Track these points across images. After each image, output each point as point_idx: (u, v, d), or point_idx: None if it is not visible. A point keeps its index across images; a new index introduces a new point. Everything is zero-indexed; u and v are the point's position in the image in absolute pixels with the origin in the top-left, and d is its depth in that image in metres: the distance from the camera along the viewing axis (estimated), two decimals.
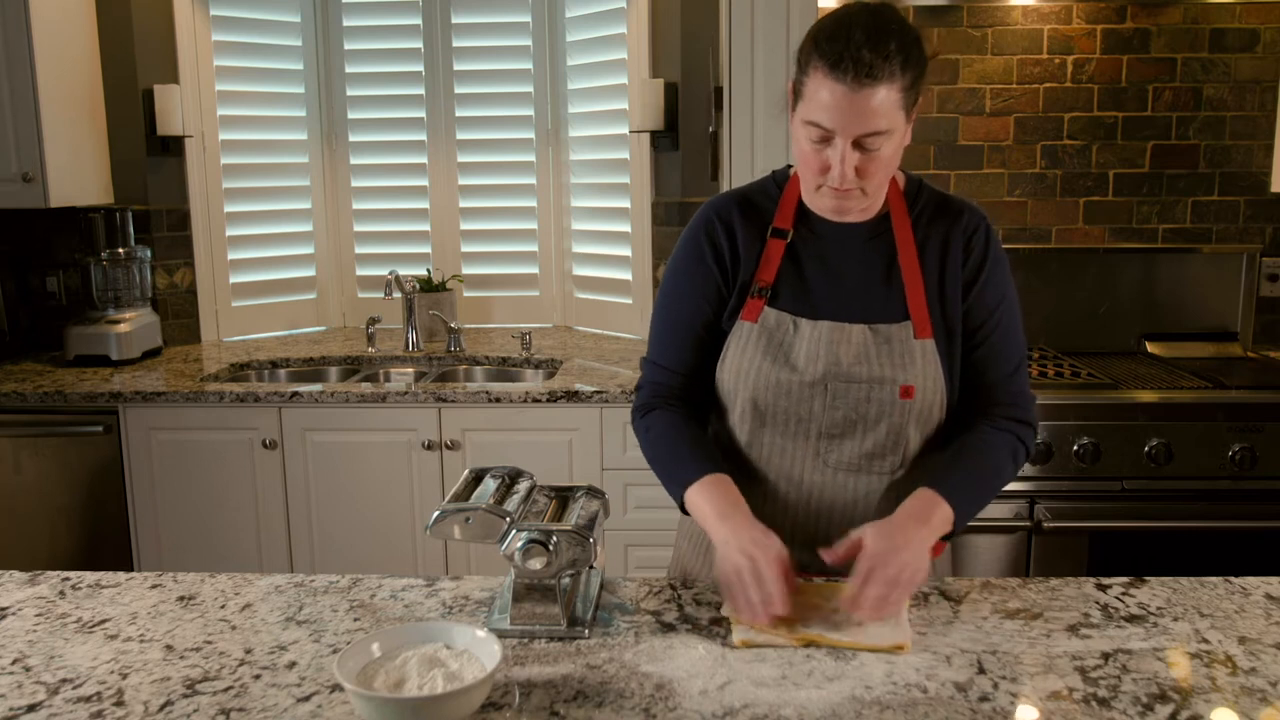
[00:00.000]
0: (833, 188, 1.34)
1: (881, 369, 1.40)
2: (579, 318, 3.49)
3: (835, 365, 1.40)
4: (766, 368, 1.42)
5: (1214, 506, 2.51)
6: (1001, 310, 1.46)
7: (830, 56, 1.26)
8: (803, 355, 1.41)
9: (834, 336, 1.41)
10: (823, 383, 1.40)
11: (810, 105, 1.30)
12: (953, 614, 1.29)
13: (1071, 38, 3.01)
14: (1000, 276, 1.47)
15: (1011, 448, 1.42)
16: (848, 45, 1.24)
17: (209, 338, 3.36)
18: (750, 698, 1.09)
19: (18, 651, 1.21)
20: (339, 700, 1.09)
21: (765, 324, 1.43)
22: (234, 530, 2.74)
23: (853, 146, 1.29)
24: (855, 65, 1.24)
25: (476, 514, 1.27)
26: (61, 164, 2.91)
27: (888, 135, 1.29)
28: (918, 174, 1.50)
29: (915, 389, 1.40)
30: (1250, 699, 1.09)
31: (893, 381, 1.40)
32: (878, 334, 1.41)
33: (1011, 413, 1.45)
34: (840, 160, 1.30)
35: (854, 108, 1.26)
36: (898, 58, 1.25)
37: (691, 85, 3.12)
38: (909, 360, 1.41)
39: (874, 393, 1.40)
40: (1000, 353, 1.46)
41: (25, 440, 2.70)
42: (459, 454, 2.68)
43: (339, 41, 3.43)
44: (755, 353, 1.43)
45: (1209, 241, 3.10)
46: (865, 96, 1.25)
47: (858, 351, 1.40)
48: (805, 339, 1.42)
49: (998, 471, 1.41)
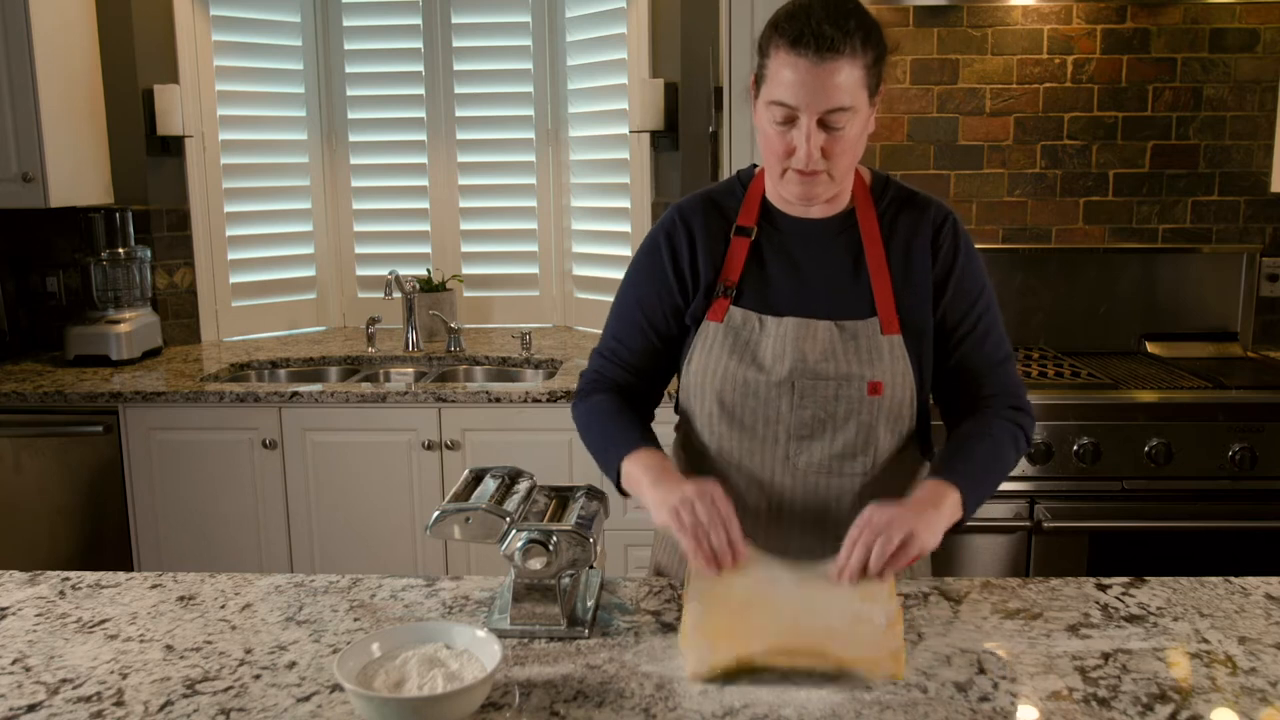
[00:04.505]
0: (799, 170, 1.33)
1: (849, 365, 1.39)
2: (579, 317, 3.49)
3: (801, 362, 1.39)
4: (733, 366, 1.41)
5: (1214, 506, 2.51)
6: (981, 302, 1.45)
7: (791, 34, 1.27)
8: (769, 353, 1.40)
9: (799, 333, 1.39)
10: (789, 381, 1.39)
11: (773, 85, 1.30)
12: (953, 614, 1.29)
13: (1071, 38, 3.01)
14: (974, 269, 1.45)
15: (1012, 434, 1.41)
16: (808, 21, 1.26)
17: (209, 338, 3.36)
18: (750, 698, 1.09)
19: (18, 651, 1.21)
20: (339, 700, 1.09)
21: (731, 323, 1.43)
22: (234, 530, 2.74)
23: (817, 125, 1.29)
24: (817, 40, 1.25)
25: (476, 514, 1.27)
26: (61, 164, 2.91)
27: (852, 113, 1.29)
28: (884, 171, 1.50)
29: (884, 385, 1.39)
30: (1250, 699, 1.09)
31: (860, 378, 1.39)
32: (844, 330, 1.40)
33: (1007, 401, 1.44)
34: (806, 139, 1.29)
35: (817, 82, 1.26)
36: (858, 34, 1.27)
37: (691, 85, 3.12)
38: (876, 356, 1.39)
39: (842, 390, 1.39)
40: (986, 345, 1.45)
41: (25, 440, 2.70)
42: (459, 454, 2.68)
43: (339, 41, 3.43)
44: (721, 352, 1.42)
45: (1209, 241, 3.10)
46: (828, 71, 1.26)
47: (824, 348, 1.39)
48: (771, 336, 1.41)
49: (1001, 458, 1.40)
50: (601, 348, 1.53)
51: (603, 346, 1.53)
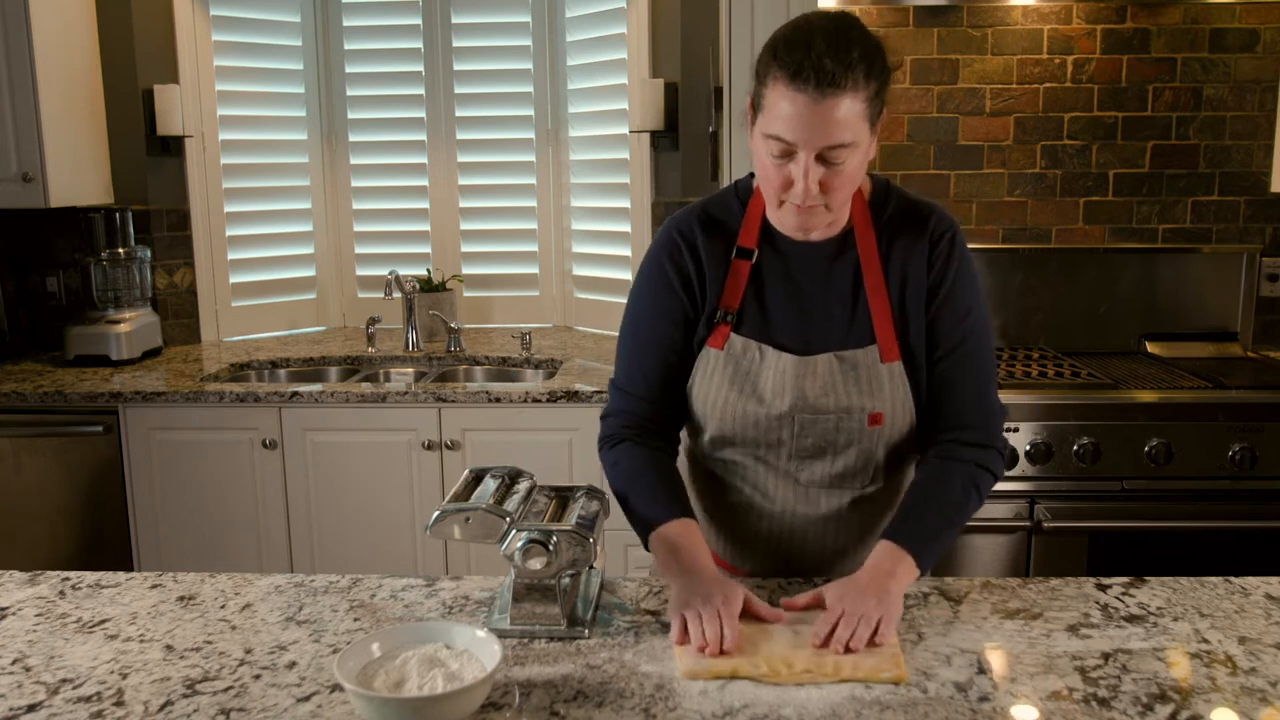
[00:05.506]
0: (796, 205, 1.29)
1: (849, 398, 1.37)
2: (579, 318, 3.49)
3: (801, 398, 1.37)
4: (734, 399, 1.40)
5: (1214, 506, 2.51)
6: (969, 322, 1.39)
7: (790, 66, 1.21)
8: (769, 387, 1.38)
9: (799, 370, 1.37)
10: (790, 415, 1.38)
11: (770, 118, 1.24)
12: (953, 614, 1.29)
13: (1071, 38, 3.01)
14: (966, 284, 1.40)
15: (973, 479, 1.37)
16: (808, 54, 1.19)
17: (209, 338, 3.36)
18: (750, 698, 1.09)
19: (18, 651, 1.21)
20: (339, 700, 1.09)
21: (731, 351, 1.40)
22: (234, 530, 2.73)
23: (816, 160, 1.24)
24: (817, 74, 1.19)
25: (476, 514, 1.26)
26: (61, 164, 2.91)
27: (852, 148, 1.24)
28: (884, 175, 1.47)
29: (884, 415, 1.37)
30: (1250, 699, 1.09)
31: (860, 410, 1.37)
32: (844, 361, 1.38)
33: (977, 437, 1.39)
34: (804, 175, 1.25)
35: (816, 119, 1.21)
36: (860, 66, 1.21)
37: (691, 85, 3.12)
38: (876, 387, 1.37)
39: (842, 422, 1.38)
40: (968, 369, 1.40)
41: (25, 440, 2.70)
42: (459, 454, 2.68)
43: (339, 41, 3.43)
44: (722, 382, 1.41)
45: (1209, 241, 3.10)
46: (828, 107, 1.20)
47: (824, 383, 1.37)
48: (771, 369, 1.38)
49: (959, 507, 1.36)
50: (619, 380, 1.48)
51: (620, 379, 1.48)
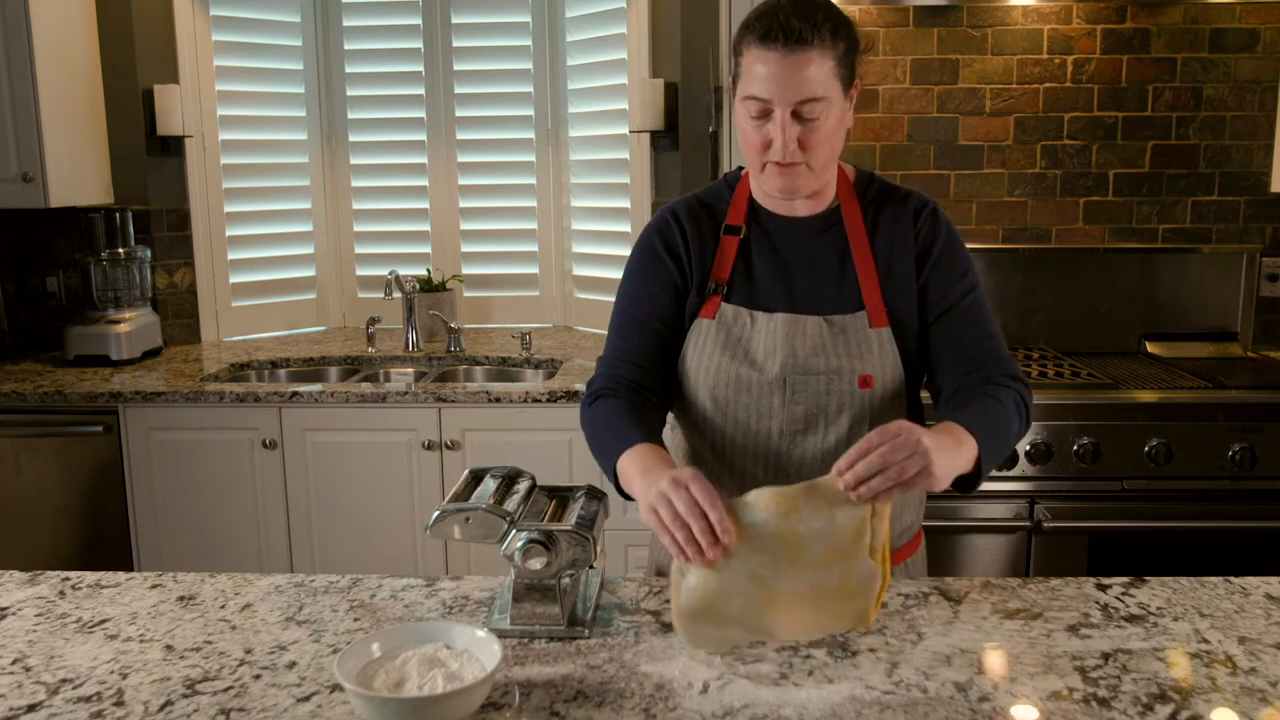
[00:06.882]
0: (776, 163, 1.35)
1: (839, 359, 1.41)
2: (579, 318, 3.49)
3: (792, 358, 1.41)
4: (725, 363, 1.43)
5: (1214, 506, 2.51)
6: (967, 280, 1.44)
7: (760, 29, 1.30)
8: (760, 349, 1.42)
9: (789, 329, 1.41)
10: (781, 377, 1.41)
11: (747, 80, 1.33)
12: (953, 614, 1.29)
13: (1071, 38, 3.01)
14: (957, 250, 1.45)
15: (1015, 401, 1.37)
16: (776, 16, 1.30)
17: (209, 338, 3.36)
18: (750, 698, 1.09)
19: (18, 651, 1.21)
20: (339, 700, 1.09)
21: (723, 319, 1.44)
22: (234, 530, 2.73)
23: (792, 117, 1.31)
24: (785, 32, 1.28)
25: (476, 514, 1.26)
26: (61, 164, 2.91)
27: (825, 104, 1.31)
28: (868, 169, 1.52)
29: (874, 378, 1.41)
30: (1250, 699, 1.09)
31: (850, 371, 1.40)
32: (833, 325, 1.42)
33: (1003, 371, 1.41)
34: (781, 130, 1.32)
35: (788, 74, 1.29)
36: (826, 25, 1.30)
37: (691, 85, 3.12)
38: (866, 350, 1.41)
39: (833, 384, 1.40)
40: (975, 320, 1.43)
41: (25, 440, 2.70)
42: (459, 454, 2.68)
43: (339, 41, 3.43)
44: (714, 349, 1.44)
45: (1209, 241, 3.09)
46: (798, 62, 1.29)
47: (814, 343, 1.41)
48: (762, 332, 1.42)
49: (1009, 422, 1.35)
50: (607, 353, 1.51)
51: (609, 352, 1.51)
